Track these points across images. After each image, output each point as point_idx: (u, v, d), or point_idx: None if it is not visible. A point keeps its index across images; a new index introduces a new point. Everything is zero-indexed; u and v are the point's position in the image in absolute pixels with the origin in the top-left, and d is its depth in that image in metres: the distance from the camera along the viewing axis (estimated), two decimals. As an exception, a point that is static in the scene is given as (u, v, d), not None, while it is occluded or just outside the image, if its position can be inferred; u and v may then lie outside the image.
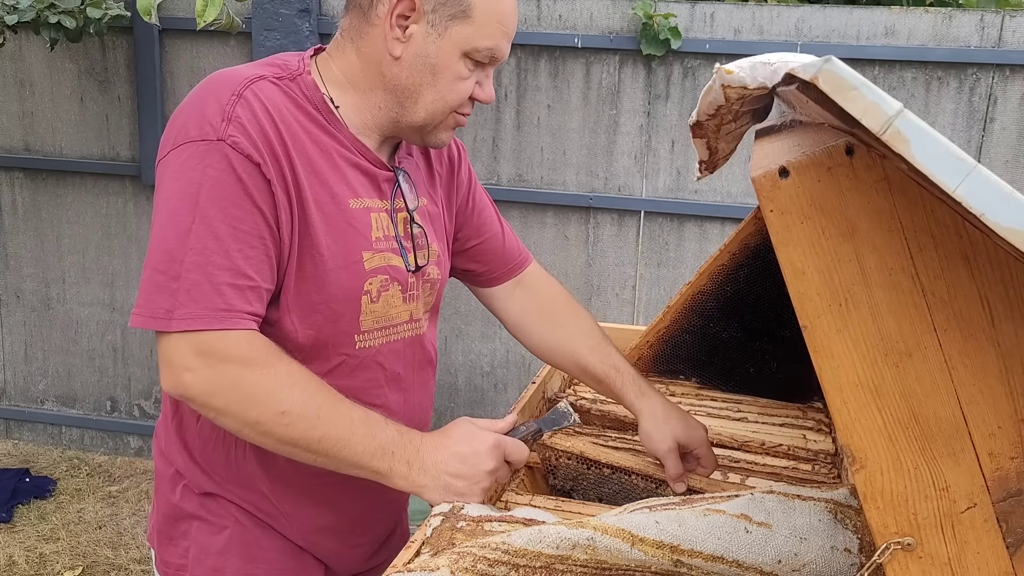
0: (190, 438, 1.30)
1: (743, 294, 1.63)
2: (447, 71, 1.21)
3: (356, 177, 1.25)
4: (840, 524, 1.01)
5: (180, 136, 1.14)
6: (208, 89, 1.17)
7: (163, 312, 1.10)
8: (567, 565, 1.00)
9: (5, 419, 3.99)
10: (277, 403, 1.12)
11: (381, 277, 1.26)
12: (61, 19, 3.07)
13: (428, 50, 1.20)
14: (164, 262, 1.11)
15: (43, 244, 3.79)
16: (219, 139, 1.12)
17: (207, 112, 1.14)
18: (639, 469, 1.39)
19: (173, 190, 1.13)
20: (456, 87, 1.22)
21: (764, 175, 0.82)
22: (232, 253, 1.12)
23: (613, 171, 3.34)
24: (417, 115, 1.24)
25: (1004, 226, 0.64)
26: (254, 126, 1.14)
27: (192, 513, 1.31)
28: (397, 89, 1.22)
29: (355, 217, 1.24)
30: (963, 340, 0.81)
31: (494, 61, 1.25)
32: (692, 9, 3.16)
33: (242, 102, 1.14)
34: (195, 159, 1.12)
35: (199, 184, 1.11)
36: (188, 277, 1.10)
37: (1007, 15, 3.00)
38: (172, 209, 1.12)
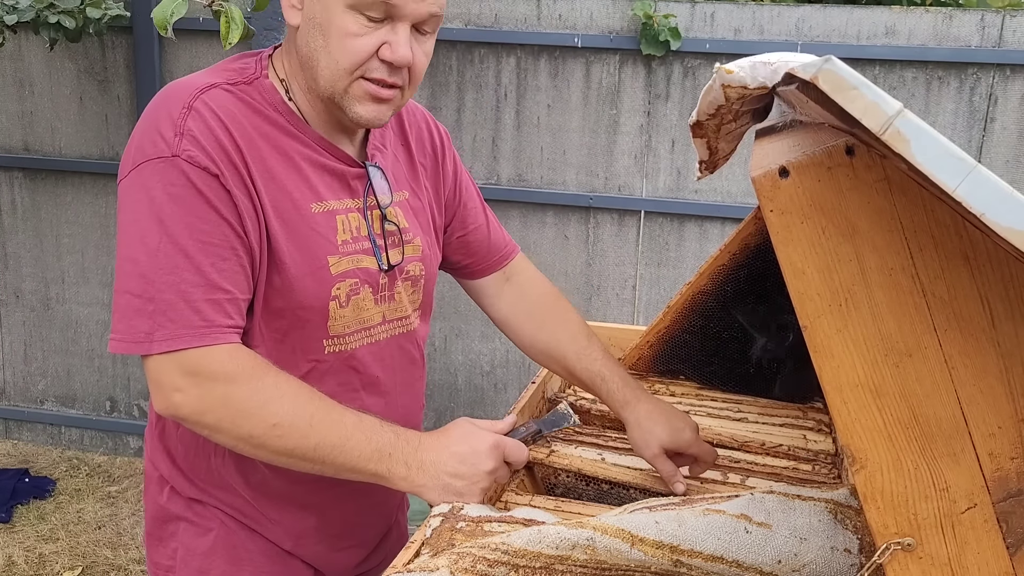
0: (172, 445, 1.31)
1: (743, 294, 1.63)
2: (335, 29, 1.12)
3: (321, 179, 1.22)
4: (840, 524, 1.00)
5: (137, 155, 1.12)
6: (160, 103, 1.15)
7: (143, 335, 1.09)
8: (567, 565, 1.00)
9: (4, 419, 3.98)
10: (268, 416, 1.11)
11: (350, 281, 1.23)
12: (61, 19, 3.07)
13: (315, 10, 1.13)
14: (138, 285, 1.09)
15: (42, 244, 3.79)
16: (174, 155, 1.10)
17: (160, 128, 1.12)
18: (637, 483, 1.39)
19: (137, 212, 1.11)
20: (346, 45, 1.12)
21: (764, 175, 0.82)
22: (204, 268, 1.10)
23: (613, 171, 3.34)
24: (321, 84, 1.16)
25: (1004, 226, 0.64)
26: (207, 137, 1.11)
27: (178, 515, 1.32)
28: (304, 62, 1.17)
29: (318, 222, 1.20)
30: (963, 340, 0.80)
31: (397, 14, 1.12)
32: (692, 9, 3.16)
33: (193, 114, 1.12)
34: (154, 177, 1.10)
35: (161, 203, 1.09)
36: (162, 298, 1.09)
37: (1007, 15, 3.00)
38: (138, 231, 1.10)
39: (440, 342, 3.52)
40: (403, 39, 1.13)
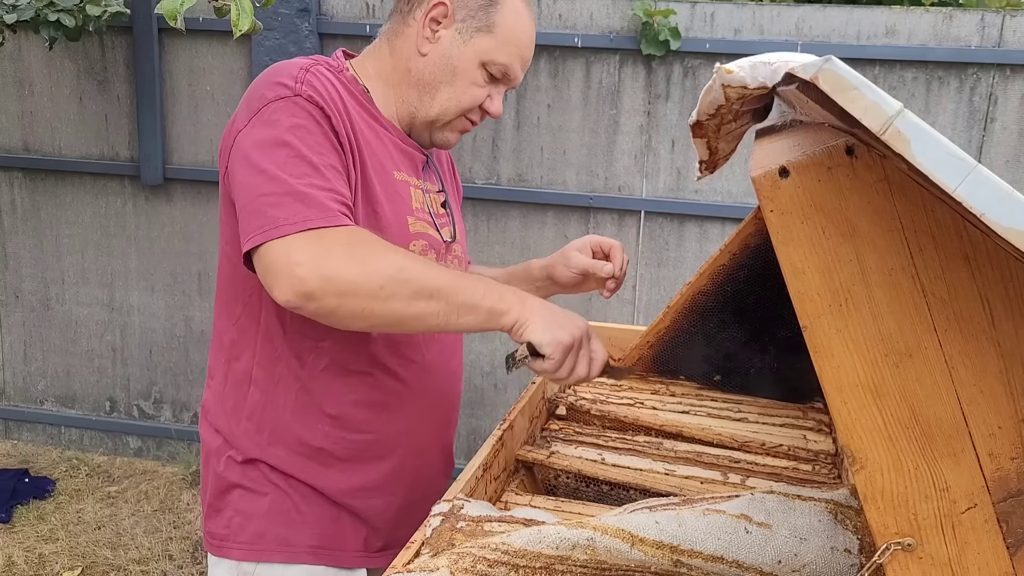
0: (237, 405, 1.38)
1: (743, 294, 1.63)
2: (465, 74, 1.36)
3: (396, 153, 1.38)
4: (840, 525, 1.00)
5: (257, 103, 1.25)
6: (272, 72, 1.30)
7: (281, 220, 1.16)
8: (567, 565, 1.00)
9: (4, 419, 3.98)
10: (391, 263, 1.18)
11: (421, 243, 1.37)
12: (60, 17, 3.07)
13: (452, 52, 1.35)
14: (270, 187, 1.18)
15: (42, 244, 3.79)
16: (296, 95, 1.24)
17: (280, 80, 1.26)
18: (637, 483, 1.39)
19: (263, 138, 1.22)
20: (470, 91, 1.37)
21: (764, 175, 0.82)
22: (328, 176, 1.21)
23: (613, 171, 3.33)
24: (432, 109, 1.37)
25: (1005, 226, 0.64)
26: (322, 91, 1.27)
27: (234, 483, 1.39)
28: (419, 83, 1.37)
29: (399, 186, 1.37)
30: (963, 340, 0.80)
31: (506, 79, 1.39)
32: (692, 9, 3.16)
33: (309, 75, 1.28)
34: (278, 112, 1.23)
35: (285, 130, 1.22)
36: (294, 191, 1.18)
37: (1007, 15, 3.00)
38: (266, 154, 1.21)
39: (440, 342, 3.52)
40: (501, 97, 1.42)
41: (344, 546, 1.40)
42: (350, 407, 1.37)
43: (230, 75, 3.49)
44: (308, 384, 1.35)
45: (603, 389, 1.75)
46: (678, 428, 1.56)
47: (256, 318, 1.36)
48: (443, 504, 1.17)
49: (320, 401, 1.36)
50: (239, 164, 1.24)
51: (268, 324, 1.35)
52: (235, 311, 1.38)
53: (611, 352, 1.87)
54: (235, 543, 1.38)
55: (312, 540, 1.37)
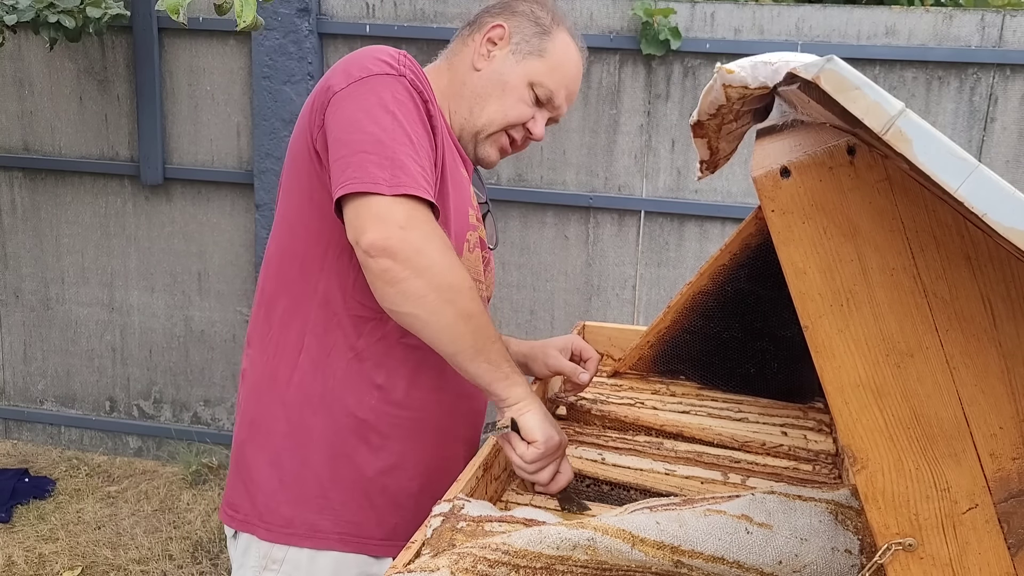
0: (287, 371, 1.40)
1: (744, 294, 1.63)
2: (514, 91, 1.46)
3: (456, 154, 1.45)
4: (841, 525, 1.00)
5: (360, 71, 1.30)
6: (370, 49, 1.35)
7: (382, 179, 1.21)
8: (567, 566, 1.00)
9: (4, 419, 3.98)
10: (468, 277, 1.26)
11: (475, 235, 1.45)
12: (60, 19, 3.07)
13: (504, 70, 1.46)
14: (375, 147, 1.23)
15: (42, 244, 3.79)
16: (400, 74, 1.30)
17: (382, 57, 1.32)
18: (637, 483, 1.39)
19: (368, 103, 1.27)
20: (517, 107, 1.46)
21: (765, 175, 0.82)
22: (422, 154, 1.28)
23: (613, 171, 3.33)
24: (479, 120, 1.46)
25: (1006, 226, 0.64)
26: (420, 76, 1.34)
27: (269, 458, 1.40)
28: (471, 95, 1.46)
29: (464, 181, 1.45)
30: (965, 340, 0.80)
31: (551, 105, 1.49)
32: (692, 9, 3.16)
33: (407, 60, 1.34)
34: (383, 86, 1.28)
35: (390, 101, 1.27)
36: (398, 158, 1.23)
37: (1007, 15, 3.00)
38: (371, 118, 1.26)
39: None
40: (544, 121, 1.51)
41: (372, 534, 1.41)
42: (400, 380, 1.39)
43: (230, 75, 3.49)
44: (362, 353, 1.38)
45: (603, 389, 1.75)
46: (678, 428, 1.56)
47: (314, 285, 1.38)
48: (443, 504, 1.17)
49: (372, 372, 1.38)
50: (340, 121, 1.28)
51: (328, 291, 1.37)
52: (290, 276, 1.40)
53: (611, 352, 1.88)
54: (262, 523, 1.40)
55: (341, 527, 1.39)
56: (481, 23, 1.50)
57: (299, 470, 1.39)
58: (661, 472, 1.43)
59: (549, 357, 1.61)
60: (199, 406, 3.85)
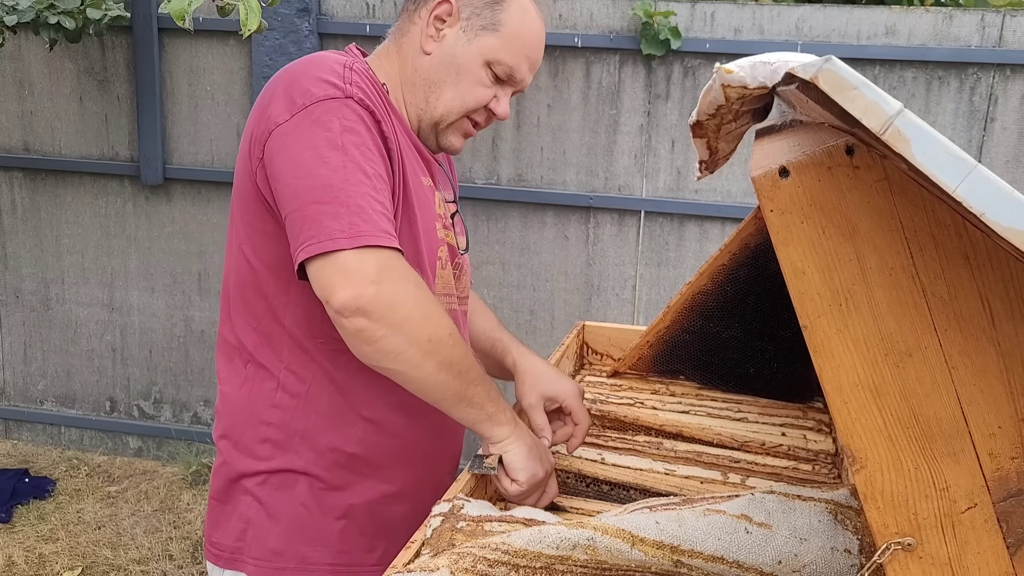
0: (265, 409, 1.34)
1: (743, 294, 1.63)
2: (469, 73, 1.33)
3: (417, 161, 1.36)
4: (840, 525, 1.00)
5: (303, 97, 1.20)
6: (311, 64, 1.25)
7: (338, 232, 1.14)
8: (567, 565, 1.00)
9: (4, 419, 3.98)
10: (446, 327, 1.19)
11: (444, 249, 1.38)
12: (61, 20, 3.07)
13: (456, 51, 1.33)
14: (327, 195, 1.15)
15: (42, 244, 3.79)
16: (347, 96, 1.20)
17: (325, 77, 1.22)
18: (637, 483, 1.39)
19: (314, 139, 1.18)
20: (475, 91, 1.34)
21: (764, 175, 0.82)
22: (379, 188, 1.19)
23: (613, 171, 3.33)
24: (436, 110, 1.35)
25: (1005, 226, 0.64)
26: (369, 91, 1.24)
27: (251, 492, 1.36)
28: (424, 82, 1.34)
29: (427, 191, 1.35)
30: (963, 340, 0.80)
31: (512, 81, 1.36)
32: (692, 9, 3.16)
33: (352, 75, 1.24)
34: (329, 114, 1.19)
35: (338, 132, 1.18)
36: (353, 203, 1.15)
37: (1007, 15, 3.00)
38: (319, 156, 1.17)
39: (440, 342, 3.52)
40: (508, 99, 1.39)
41: (363, 560, 1.37)
42: (385, 410, 1.34)
43: (230, 75, 3.49)
44: (343, 386, 1.32)
45: (603, 389, 1.75)
46: (678, 428, 1.56)
47: (281, 320, 1.31)
48: (443, 504, 1.17)
49: (356, 404, 1.33)
50: (286, 164, 1.19)
51: (297, 326, 1.31)
52: (255, 313, 1.33)
53: (611, 352, 1.88)
54: (250, 558, 1.34)
55: (332, 557, 1.35)
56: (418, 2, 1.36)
57: (285, 505, 1.34)
58: (661, 472, 1.43)
59: (526, 396, 1.45)
60: (199, 406, 3.85)
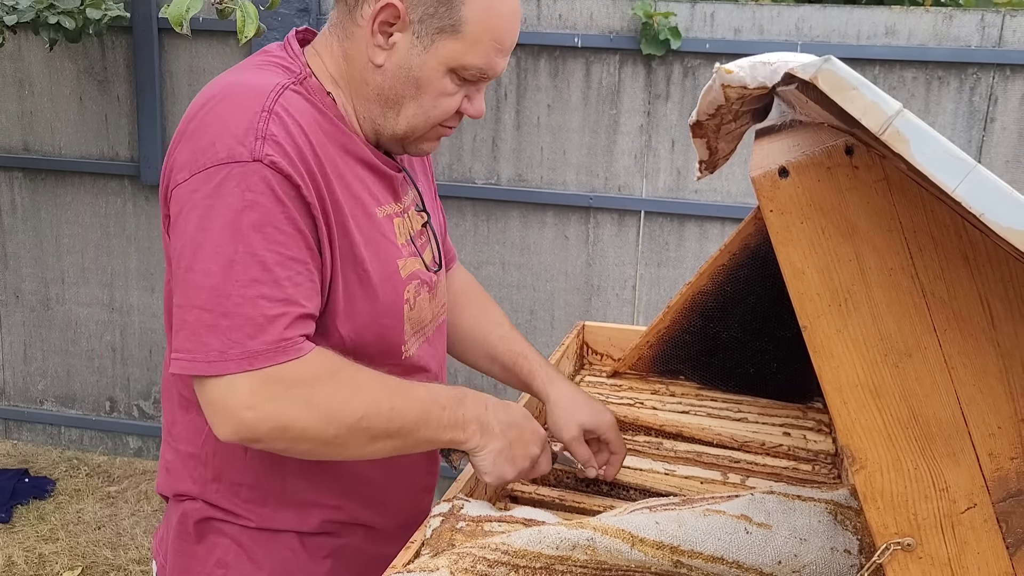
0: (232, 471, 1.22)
1: (743, 294, 1.63)
2: (431, 86, 1.14)
3: (375, 182, 1.21)
4: (840, 525, 1.00)
5: (206, 157, 1.04)
6: (231, 104, 1.08)
7: (216, 354, 1.02)
8: (567, 566, 1.00)
9: (4, 419, 3.98)
10: (352, 411, 1.08)
11: (414, 283, 1.24)
12: (60, 19, 3.07)
13: (412, 62, 1.13)
14: (210, 299, 1.02)
15: (42, 244, 3.79)
16: (255, 159, 1.03)
17: (235, 130, 1.05)
18: (637, 483, 1.39)
19: (209, 219, 1.03)
20: (440, 103, 1.16)
21: (764, 175, 0.82)
22: (281, 281, 1.04)
23: (613, 171, 3.33)
24: (398, 127, 1.18)
25: (1004, 226, 0.64)
26: (290, 144, 1.06)
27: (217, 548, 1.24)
28: (380, 98, 1.16)
29: (383, 226, 1.20)
30: (963, 340, 0.80)
31: (485, 78, 1.17)
32: (692, 9, 3.16)
33: (274, 118, 1.06)
34: (230, 183, 1.03)
35: (238, 210, 1.03)
36: (238, 312, 1.02)
37: (1007, 15, 3.00)
38: (211, 241, 1.03)
39: (440, 342, 3.52)
40: (481, 97, 1.21)
41: None
42: (365, 466, 1.25)
43: (230, 75, 3.49)
44: None
45: (603, 389, 1.75)
46: (678, 428, 1.56)
47: None
48: (443, 504, 1.17)
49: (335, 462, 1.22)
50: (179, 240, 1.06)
51: None
52: None
53: (611, 352, 1.88)
54: None
55: None
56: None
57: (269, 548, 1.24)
58: (661, 472, 1.43)
59: (566, 430, 1.36)
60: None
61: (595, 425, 1.36)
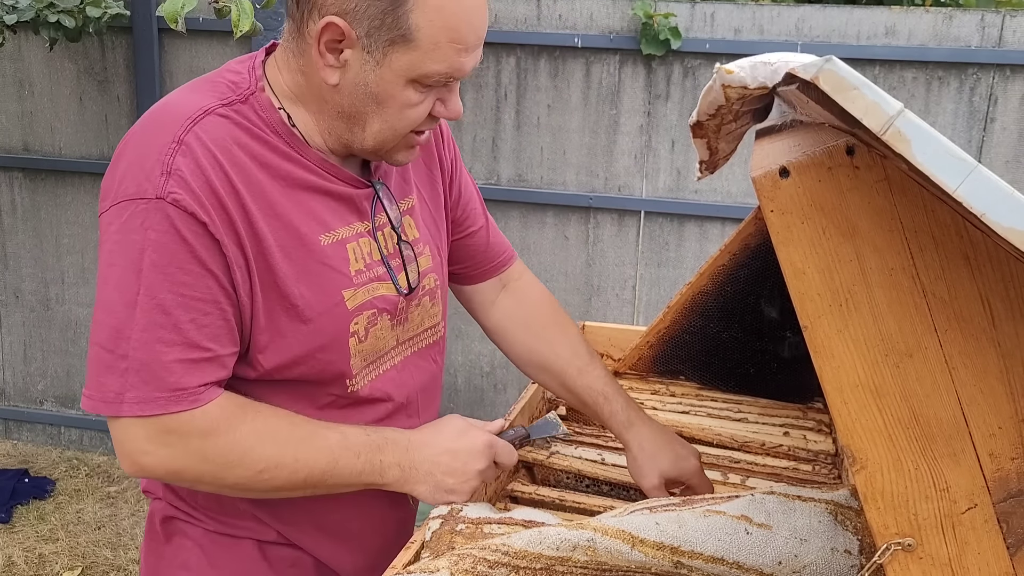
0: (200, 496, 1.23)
1: (744, 294, 1.63)
2: (392, 101, 1.07)
3: (327, 206, 1.14)
4: (840, 526, 1.00)
5: (119, 191, 1.03)
6: (150, 131, 1.06)
7: (112, 395, 1.02)
8: (567, 567, 1.00)
9: (4, 419, 3.98)
10: (252, 463, 1.08)
11: (368, 313, 1.17)
12: (60, 18, 3.07)
13: (367, 79, 1.06)
14: (111, 340, 1.02)
15: (42, 244, 3.79)
16: (158, 197, 1.00)
17: (145, 163, 1.02)
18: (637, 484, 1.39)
19: (115, 256, 1.02)
20: (406, 115, 1.09)
21: (764, 175, 0.82)
22: (182, 325, 1.02)
23: (613, 171, 3.33)
24: (367, 141, 1.12)
25: (1005, 226, 0.64)
26: (197, 178, 1.02)
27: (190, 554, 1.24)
28: (342, 116, 1.10)
29: (328, 255, 1.13)
30: (964, 340, 0.80)
31: (454, 80, 1.10)
32: (692, 9, 3.16)
33: (183, 149, 1.02)
34: (135, 220, 1.01)
35: (141, 249, 1.00)
36: (135, 356, 1.01)
37: (1007, 15, 2.99)
38: (116, 278, 1.02)
39: (440, 342, 3.52)
40: (457, 95, 1.13)
41: None
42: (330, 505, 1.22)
43: (230, 75, 3.48)
44: None
45: (603, 389, 1.75)
46: (678, 428, 1.56)
47: None
48: (442, 506, 1.17)
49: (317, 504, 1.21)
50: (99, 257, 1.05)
51: None
52: None
53: (611, 352, 1.87)
54: None
55: None
56: (304, 14, 1.07)
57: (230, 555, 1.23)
58: (661, 472, 1.43)
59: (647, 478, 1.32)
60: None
61: (678, 474, 1.32)
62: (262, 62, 1.15)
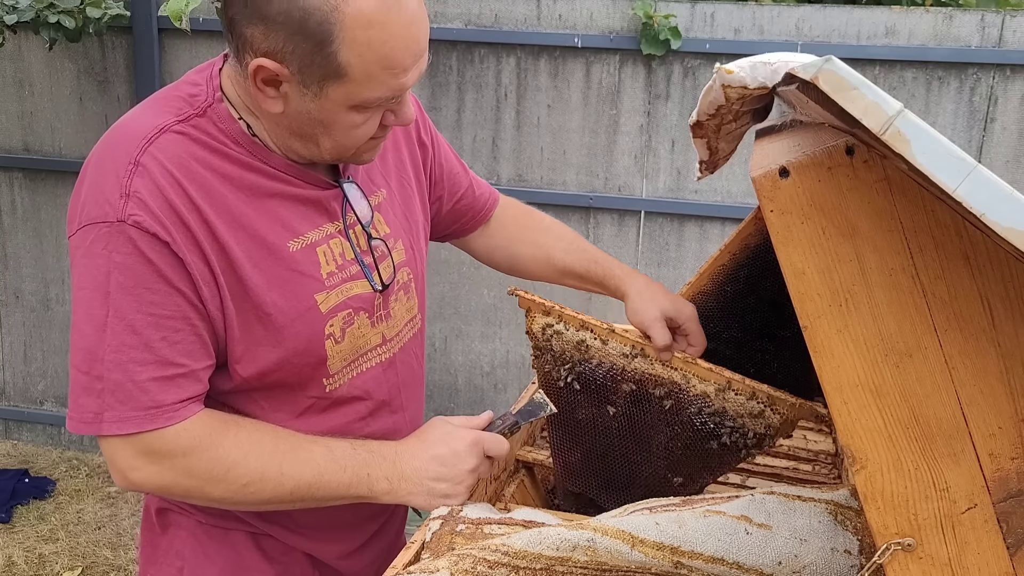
0: None
1: (743, 294, 1.62)
2: (337, 124, 1.08)
3: (295, 211, 1.14)
4: (840, 526, 1.00)
5: (83, 215, 1.05)
6: (107, 154, 1.07)
7: (91, 416, 1.05)
8: (567, 567, 1.00)
9: (4, 419, 3.98)
10: (237, 478, 1.10)
11: (343, 314, 1.17)
12: (60, 19, 3.07)
13: (308, 108, 1.06)
14: (86, 362, 1.05)
15: (42, 244, 3.79)
16: (119, 220, 1.02)
17: (105, 186, 1.04)
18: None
19: (84, 279, 1.05)
20: (354, 134, 1.09)
21: (764, 175, 0.82)
22: (154, 344, 1.04)
23: (613, 171, 3.33)
24: (324, 155, 1.12)
25: (1004, 226, 0.64)
26: (156, 198, 1.03)
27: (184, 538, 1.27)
28: (292, 134, 1.10)
29: (298, 261, 1.13)
30: (963, 340, 0.80)
31: (397, 97, 1.08)
32: (692, 9, 3.16)
33: (140, 171, 1.03)
34: (99, 244, 1.03)
35: (107, 272, 1.03)
36: (110, 377, 1.04)
37: (1007, 15, 3.00)
38: (86, 301, 1.05)
39: (440, 342, 3.52)
40: (406, 104, 1.12)
41: None
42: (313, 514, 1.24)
43: (230, 75, 3.49)
44: None
45: (603, 389, 1.75)
46: (678, 428, 1.55)
47: None
48: (442, 507, 1.17)
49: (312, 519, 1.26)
50: (72, 279, 1.07)
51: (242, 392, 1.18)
52: None
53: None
54: None
55: None
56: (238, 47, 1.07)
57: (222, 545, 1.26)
58: (661, 472, 1.43)
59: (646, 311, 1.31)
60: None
61: (676, 313, 1.34)
62: (219, 71, 1.15)
